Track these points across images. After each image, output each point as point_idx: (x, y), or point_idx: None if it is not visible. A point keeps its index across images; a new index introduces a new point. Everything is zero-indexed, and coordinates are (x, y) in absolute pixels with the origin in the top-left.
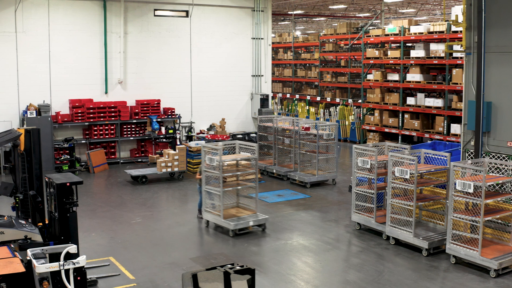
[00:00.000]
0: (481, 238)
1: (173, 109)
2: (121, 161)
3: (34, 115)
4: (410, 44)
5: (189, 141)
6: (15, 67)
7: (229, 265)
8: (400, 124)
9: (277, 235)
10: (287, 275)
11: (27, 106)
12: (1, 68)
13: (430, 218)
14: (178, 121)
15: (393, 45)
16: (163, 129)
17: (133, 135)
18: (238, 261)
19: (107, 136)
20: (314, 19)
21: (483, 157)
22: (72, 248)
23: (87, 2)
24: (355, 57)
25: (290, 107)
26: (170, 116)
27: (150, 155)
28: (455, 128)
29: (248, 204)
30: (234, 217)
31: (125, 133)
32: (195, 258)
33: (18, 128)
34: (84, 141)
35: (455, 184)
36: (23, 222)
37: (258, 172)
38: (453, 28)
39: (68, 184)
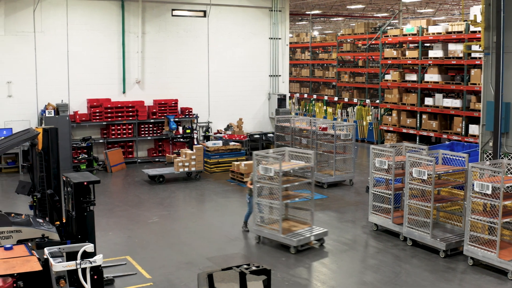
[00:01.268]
0: (499, 239)
1: (191, 109)
2: (139, 160)
3: (52, 115)
4: (428, 44)
5: (207, 141)
6: (33, 66)
7: (245, 265)
8: (418, 124)
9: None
10: (303, 275)
11: (45, 105)
12: (20, 68)
13: (447, 219)
14: (195, 121)
15: (411, 45)
16: (180, 129)
17: (151, 135)
18: (255, 261)
19: (124, 136)
20: (331, 19)
21: (502, 158)
22: (89, 247)
23: (105, 2)
24: (373, 57)
25: (307, 107)
26: (187, 116)
27: (167, 154)
28: (473, 129)
29: (299, 216)
30: (290, 232)
31: (142, 132)
32: (212, 258)
33: (36, 127)
34: (101, 141)
35: (473, 185)
36: (40, 220)
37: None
38: (472, 28)
39: (85, 183)
